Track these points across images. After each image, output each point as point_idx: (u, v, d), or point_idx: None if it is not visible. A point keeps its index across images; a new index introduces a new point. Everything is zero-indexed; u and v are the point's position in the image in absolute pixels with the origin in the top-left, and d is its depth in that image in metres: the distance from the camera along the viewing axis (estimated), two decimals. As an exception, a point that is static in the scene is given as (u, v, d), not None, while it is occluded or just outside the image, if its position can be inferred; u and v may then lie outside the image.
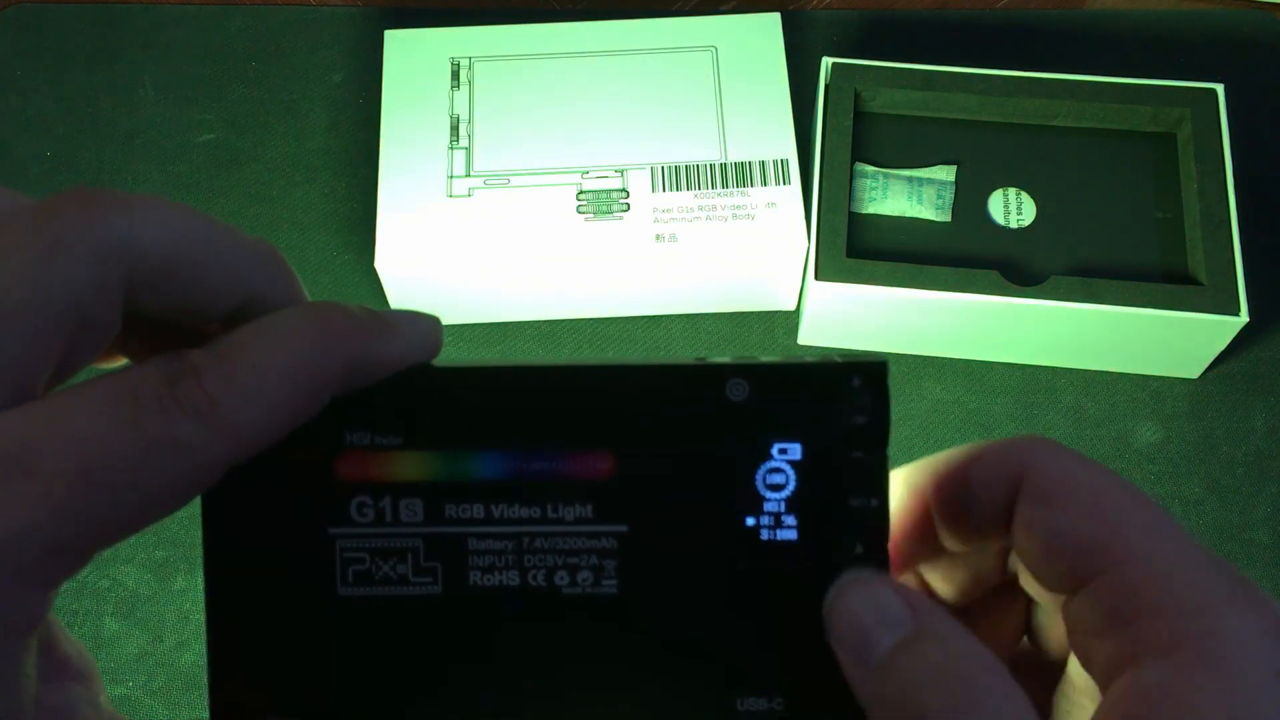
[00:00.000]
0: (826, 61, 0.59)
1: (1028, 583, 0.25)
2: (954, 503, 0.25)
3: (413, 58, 0.61)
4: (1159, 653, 0.21)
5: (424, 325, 0.23)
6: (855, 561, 0.24)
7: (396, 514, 0.23)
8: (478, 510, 0.23)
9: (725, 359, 0.24)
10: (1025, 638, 0.28)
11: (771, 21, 0.61)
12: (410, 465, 0.23)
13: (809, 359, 0.24)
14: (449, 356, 0.24)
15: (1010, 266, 0.56)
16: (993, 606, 0.27)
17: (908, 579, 0.27)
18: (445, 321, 0.60)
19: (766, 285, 0.59)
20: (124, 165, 0.65)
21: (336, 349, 0.22)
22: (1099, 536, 0.22)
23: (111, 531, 0.20)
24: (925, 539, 0.26)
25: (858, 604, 0.23)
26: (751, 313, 0.60)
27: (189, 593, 0.54)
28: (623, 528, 0.23)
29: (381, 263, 0.56)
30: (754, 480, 0.24)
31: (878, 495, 0.24)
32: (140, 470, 0.20)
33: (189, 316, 0.22)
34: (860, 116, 0.60)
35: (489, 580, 0.24)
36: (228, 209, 0.63)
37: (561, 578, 0.24)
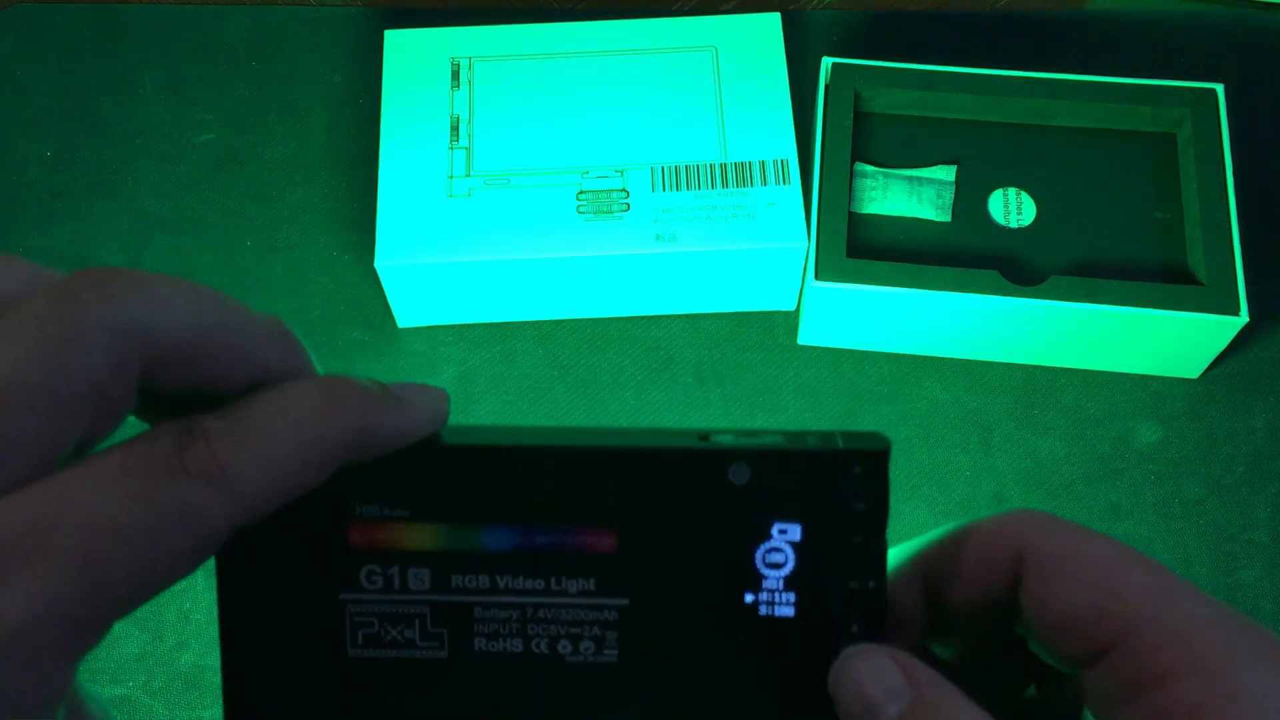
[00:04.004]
0: (826, 61, 0.59)
1: (1041, 652, 0.25)
2: (953, 581, 0.25)
3: (413, 58, 0.61)
4: (1185, 718, 0.21)
5: (431, 398, 0.24)
6: (851, 640, 0.24)
7: (405, 582, 0.24)
8: (483, 581, 0.24)
9: (728, 438, 0.24)
10: (1033, 686, 0.28)
11: (771, 21, 0.61)
12: (418, 536, 0.24)
13: (811, 443, 0.24)
14: (451, 357, 0.24)
15: (1010, 266, 0.56)
16: (997, 662, 0.27)
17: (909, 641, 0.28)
18: (445, 322, 0.60)
19: (767, 285, 0.59)
20: (124, 165, 0.65)
21: (345, 421, 0.22)
22: (1110, 608, 0.23)
23: (127, 603, 0.20)
24: (925, 612, 0.26)
25: (862, 677, 0.23)
26: (752, 313, 0.60)
27: (189, 592, 0.54)
28: (624, 601, 0.24)
29: (381, 263, 0.56)
30: (754, 558, 0.24)
31: (875, 578, 0.24)
32: (152, 542, 0.20)
33: (202, 391, 0.23)
34: (860, 116, 0.60)
35: (494, 646, 0.24)
36: (227, 209, 0.63)
37: (564, 646, 0.24)
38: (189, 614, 0.54)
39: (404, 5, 0.69)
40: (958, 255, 0.58)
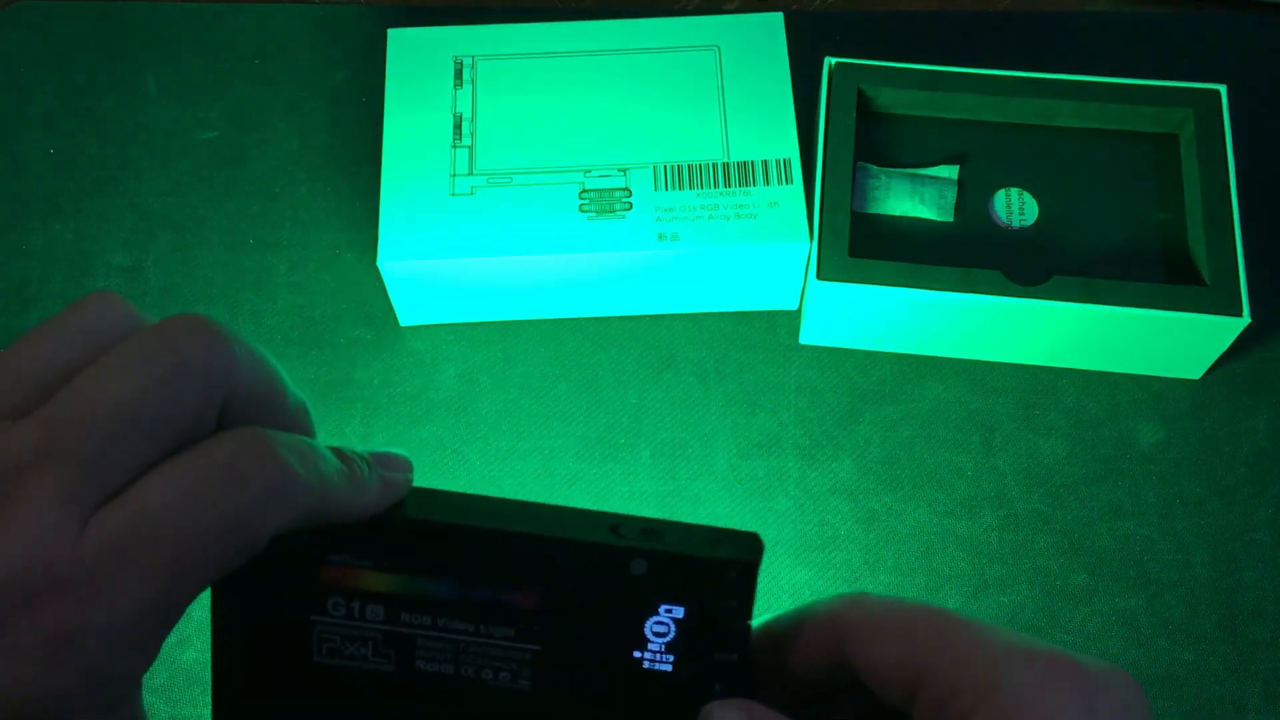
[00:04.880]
0: (829, 61, 0.59)
1: (886, 706, 0.30)
2: (794, 655, 0.30)
3: (416, 56, 0.61)
4: (972, 715, 0.26)
5: (390, 484, 0.29)
6: (713, 695, 0.30)
7: (363, 613, 0.30)
8: (426, 620, 0.30)
9: (635, 532, 0.29)
10: None
11: (774, 21, 0.61)
12: (377, 582, 0.29)
13: (699, 546, 0.29)
14: (453, 356, 0.25)
15: (1012, 266, 0.56)
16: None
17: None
18: (447, 320, 0.60)
19: (769, 284, 0.59)
20: (126, 162, 0.65)
21: (304, 507, 0.27)
22: (911, 657, 0.28)
23: (187, 603, 0.25)
24: (781, 675, 0.31)
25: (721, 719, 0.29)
26: (754, 312, 0.60)
27: (191, 590, 0.54)
28: (537, 647, 0.30)
29: (384, 261, 0.56)
30: (643, 627, 0.30)
31: (738, 652, 0.30)
32: (222, 547, 0.25)
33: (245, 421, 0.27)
34: (863, 116, 0.60)
35: (430, 667, 0.30)
36: (230, 207, 0.63)
37: (486, 673, 0.30)
38: (191, 611, 0.54)
39: (407, 4, 0.69)
40: (960, 255, 0.58)
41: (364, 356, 0.60)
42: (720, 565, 0.29)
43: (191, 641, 0.54)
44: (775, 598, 0.54)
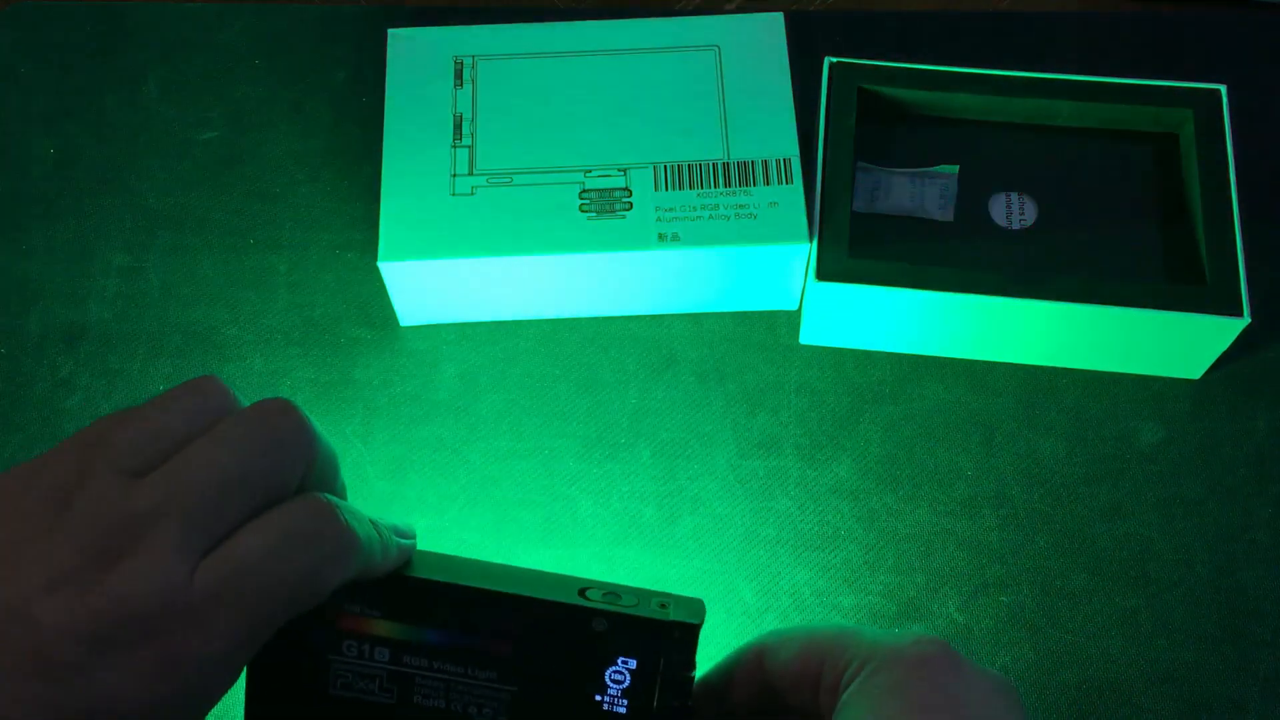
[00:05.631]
0: (829, 61, 0.59)
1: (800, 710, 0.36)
2: (731, 689, 0.37)
3: (416, 56, 0.61)
4: (847, 683, 0.33)
5: (403, 549, 0.35)
6: None
7: (371, 654, 0.35)
8: (423, 662, 0.35)
9: (598, 595, 0.35)
10: None
11: (774, 21, 0.61)
12: (384, 629, 0.35)
13: (652, 609, 0.35)
14: (453, 356, 0.25)
15: (1012, 266, 0.56)
16: None
17: None
18: (448, 320, 0.60)
19: (769, 284, 0.59)
20: (127, 163, 0.65)
21: (356, 565, 0.33)
22: (811, 651, 0.35)
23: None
24: (725, 710, 0.38)
25: None
26: (754, 312, 0.60)
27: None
28: (514, 688, 0.35)
29: (384, 261, 0.56)
30: (603, 675, 0.35)
31: (681, 699, 0.35)
32: (304, 595, 0.31)
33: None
34: (863, 116, 0.60)
35: (426, 702, 0.36)
36: (231, 207, 0.63)
37: (472, 709, 0.36)
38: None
39: (407, 4, 0.69)
40: (960, 255, 0.58)
41: (364, 356, 0.60)
42: (667, 626, 0.35)
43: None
44: (775, 597, 0.54)
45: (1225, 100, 0.58)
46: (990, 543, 0.55)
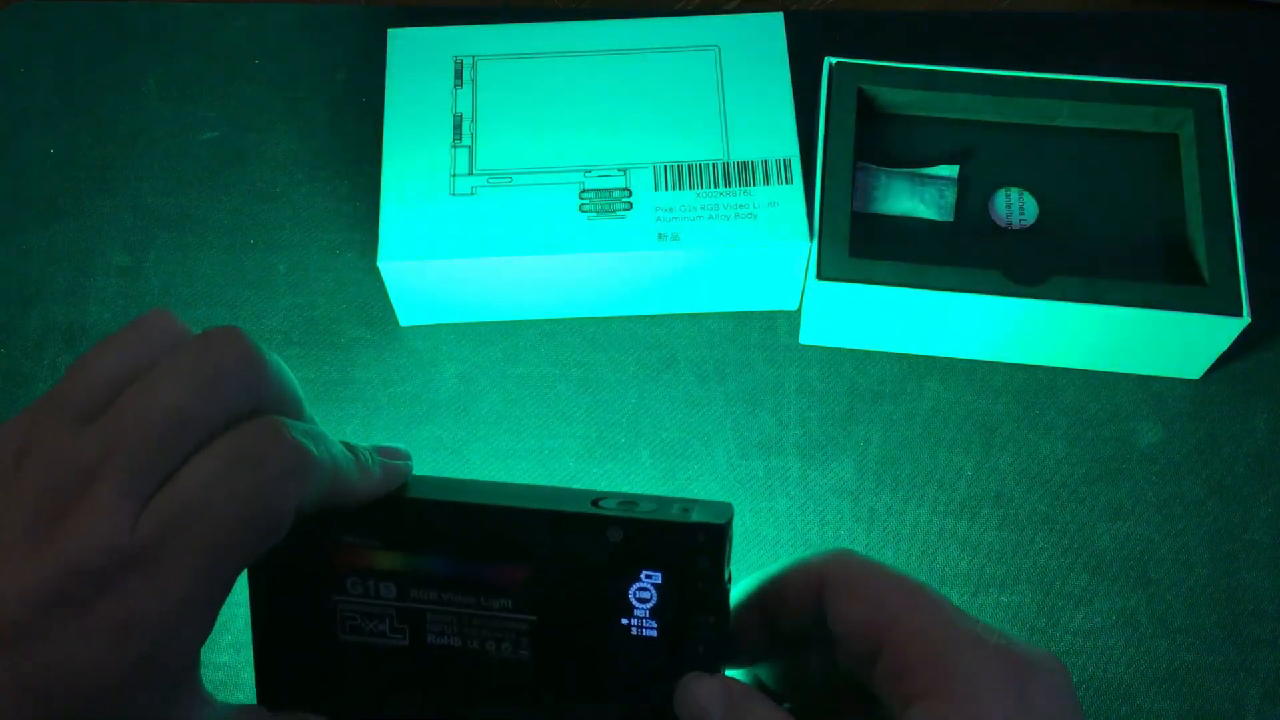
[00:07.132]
0: (829, 61, 0.59)
1: (849, 668, 0.32)
2: (780, 608, 0.33)
3: (416, 56, 0.61)
4: (919, 697, 0.29)
5: (392, 469, 0.33)
6: (697, 657, 0.32)
7: (377, 591, 0.33)
8: (432, 594, 0.33)
9: (612, 503, 0.32)
10: None
11: (774, 21, 0.61)
12: (386, 560, 0.33)
13: (673, 513, 0.32)
14: (453, 355, 0.25)
15: (1012, 266, 0.56)
16: (839, 710, 0.34)
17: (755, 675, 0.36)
18: (447, 320, 0.60)
19: (769, 284, 0.59)
20: (127, 163, 0.65)
21: (317, 484, 0.30)
22: (878, 620, 0.30)
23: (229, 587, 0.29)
24: (763, 636, 0.34)
25: (698, 693, 0.32)
26: (754, 312, 0.60)
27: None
28: (533, 617, 0.32)
29: (384, 261, 0.56)
30: (628, 594, 0.32)
31: (716, 614, 0.32)
32: (262, 526, 0.29)
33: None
34: (863, 116, 0.60)
35: (440, 640, 0.33)
36: (230, 207, 0.63)
37: (490, 644, 0.33)
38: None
39: (407, 4, 0.69)
40: (960, 255, 0.58)
41: (364, 356, 0.60)
42: (689, 529, 0.31)
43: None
44: (775, 598, 0.54)
45: (1225, 100, 0.58)
46: (990, 543, 0.55)
